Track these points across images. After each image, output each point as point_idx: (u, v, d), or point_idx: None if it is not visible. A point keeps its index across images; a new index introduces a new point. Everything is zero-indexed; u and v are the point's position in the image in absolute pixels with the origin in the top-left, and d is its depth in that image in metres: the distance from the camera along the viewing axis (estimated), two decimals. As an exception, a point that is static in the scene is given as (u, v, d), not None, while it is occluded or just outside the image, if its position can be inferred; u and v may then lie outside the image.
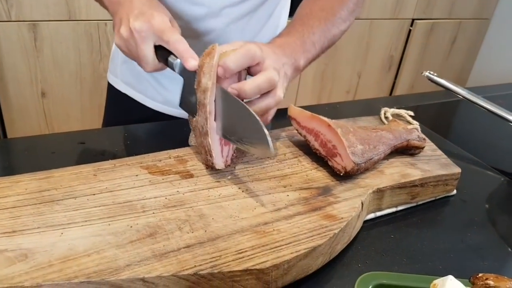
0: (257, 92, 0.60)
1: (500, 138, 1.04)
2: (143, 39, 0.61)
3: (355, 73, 2.47)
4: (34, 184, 0.57)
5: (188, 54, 0.60)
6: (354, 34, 2.31)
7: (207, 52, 0.60)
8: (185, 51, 0.60)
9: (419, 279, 0.51)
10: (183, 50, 0.60)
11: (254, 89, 0.59)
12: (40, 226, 0.50)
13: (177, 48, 0.61)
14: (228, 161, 0.65)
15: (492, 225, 0.68)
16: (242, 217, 0.55)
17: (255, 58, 0.60)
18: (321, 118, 0.67)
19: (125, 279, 0.44)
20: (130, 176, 0.60)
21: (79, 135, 0.79)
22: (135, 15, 0.61)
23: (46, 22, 1.63)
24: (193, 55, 0.60)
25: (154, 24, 0.61)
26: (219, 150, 0.63)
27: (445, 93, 1.18)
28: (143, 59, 0.63)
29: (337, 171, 0.64)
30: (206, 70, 0.58)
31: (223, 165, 0.63)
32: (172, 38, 0.61)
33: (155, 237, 0.50)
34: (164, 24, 0.61)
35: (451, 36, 2.67)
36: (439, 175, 0.69)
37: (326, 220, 0.55)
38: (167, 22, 0.62)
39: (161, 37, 0.61)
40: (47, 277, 0.43)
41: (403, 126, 0.75)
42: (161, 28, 0.61)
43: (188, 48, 0.61)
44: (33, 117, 1.77)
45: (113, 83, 0.99)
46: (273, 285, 0.49)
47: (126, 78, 0.95)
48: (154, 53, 0.63)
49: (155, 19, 0.61)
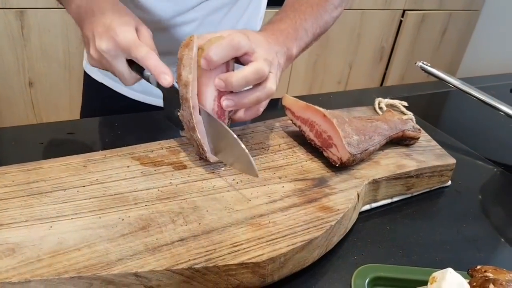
0: (244, 84, 0.57)
1: (492, 129, 1.04)
2: (113, 57, 0.59)
3: (347, 63, 2.46)
4: (22, 176, 0.55)
5: (160, 69, 0.57)
6: (345, 24, 2.30)
7: (185, 44, 0.57)
8: (156, 67, 0.57)
9: (417, 271, 0.51)
10: (154, 66, 0.57)
11: (241, 80, 0.57)
12: (28, 219, 0.49)
13: (147, 65, 0.58)
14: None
15: (487, 216, 0.68)
16: (237, 209, 0.53)
17: (240, 48, 0.57)
18: (316, 108, 0.66)
19: (117, 274, 0.43)
20: (121, 167, 0.59)
21: (68, 125, 0.77)
22: (99, 34, 0.58)
23: (34, 10, 1.59)
24: (165, 70, 0.57)
25: (119, 42, 0.58)
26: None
27: (436, 84, 1.18)
28: (120, 75, 0.61)
29: (333, 162, 0.63)
30: (185, 62, 0.56)
31: (217, 158, 0.62)
32: (140, 54, 0.58)
33: (147, 230, 0.49)
34: (129, 41, 0.58)
35: (441, 27, 2.67)
36: (434, 166, 0.69)
37: (322, 212, 0.54)
38: (132, 36, 0.59)
39: (129, 54, 0.59)
40: (36, 273, 0.42)
41: (398, 116, 0.74)
42: (126, 46, 0.58)
43: (159, 63, 0.58)
44: (21, 107, 1.73)
45: (89, 72, 0.96)
46: (269, 279, 0.48)
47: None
48: (128, 68, 0.61)
49: (119, 36, 0.58)
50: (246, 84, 0.58)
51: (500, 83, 1.32)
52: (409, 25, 2.52)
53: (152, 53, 0.58)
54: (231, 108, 0.59)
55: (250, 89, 0.59)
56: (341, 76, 2.49)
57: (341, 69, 2.47)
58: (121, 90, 0.92)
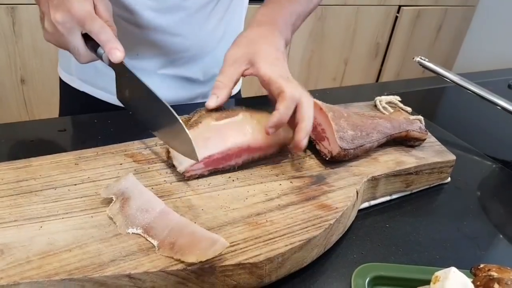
0: (285, 119, 0.57)
1: (490, 124, 1.03)
2: (68, 30, 0.56)
3: (342, 60, 2.45)
4: (11, 174, 0.54)
5: (112, 45, 0.55)
6: (341, 21, 2.29)
7: None
8: (107, 41, 0.55)
9: (419, 270, 0.50)
10: (106, 40, 0.55)
11: (280, 121, 0.57)
12: (17, 219, 0.47)
13: (100, 38, 0.56)
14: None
15: (487, 213, 0.66)
16: (233, 207, 0.52)
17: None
18: (314, 101, 0.65)
19: (110, 275, 0.41)
20: (114, 165, 0.57)
21: (60, 122, 0.75)
22: (54, 6, 0.55)
23: (25, 6, 1.56)
24: (117, 46, 0.55)
25: (74, 14, 0.55)
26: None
27: (432, 80, 1.17)
28: (74, 50, 0.58)
29: (323, 155, 0.62)
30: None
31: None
32: (94, 27, 0.55)
33: (141, 229, 0.47)
34: (84, 12, 0.55)
35: (437, 23, 2.66)
36: (434, 163, 0.67)
37: (321, 210, 0.53)
38: (88, 8, 0.56)
39: (83, 26, 0.56)
40: (25, 275, 0.40)
41: (405, 116, 0.73)
42: (81, 17, 0.55)
43: (111, 38, 0.56)
44: (13, 105, 1.71)
45: (67, 81, 0.90)
46: (266, 279, 0.47)
47: (83, 75, 0.87)
48: (83, 43, 0.58)
49: (74, 7, 0.55)
50: (286, 119, 0.58)
51: (497, 78, 1.31)
52: (404, 21, 2.51)
53: (107, 27, 0.56)
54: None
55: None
56: (337, 73, 2.48)
57: (336, 66, 2.46)
58: (104, 97, 0.87)
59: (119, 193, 0.50)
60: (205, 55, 0.87)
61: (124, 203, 0.49)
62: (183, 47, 0.83)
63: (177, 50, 0.82)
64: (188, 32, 0.81)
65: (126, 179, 0.51)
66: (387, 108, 0.81)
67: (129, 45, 0.69)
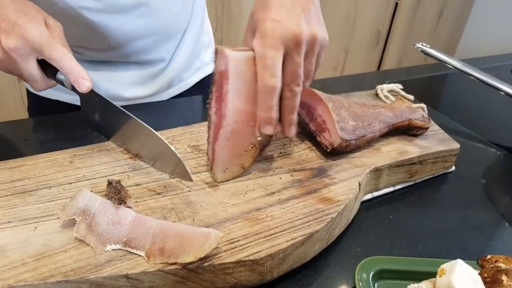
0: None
1: (494, 111, 1.01)
2: (23, 57, 0.53)
3: (342, 49, 2.43)
4: (5, 174, 0.53)
5: (78, 74, 0.53)
6: (340, 9, 2.26)
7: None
8: (73, 70, 0.53)
9: (424, 262, 0.48)
10: (70, 68, 0.53)
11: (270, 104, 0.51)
12: (11, 220, 0.46)
13: (62, 66, 0.53)
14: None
15: (492, 202, 0.65)
16: (232, 203, 0.51)
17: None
18: (314, 92, 0.64)
19: (107, 276, 0.40)
20: (109, 162, 0.56)
21: (54, 120, 0.74)
22: (5, 32, 0.52)
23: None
24: (84, 75, 0.53)
25: (29, 39, 0.52)
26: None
27: (434, 66, 1.15)
28: (30, 78, 0.55)
29: (324, 147, 0.61)
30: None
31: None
32: (54, 54, 0.52)
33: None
34: (41, 37, 0.52)
35: (438, 8, 2.63)
36: (438, 151, 0.66)
37: (323, 204, 0.52)
38: (45, 33, 0.53)
39: (41, 53, 0.53)
40: (20, 277, 0.39)
41: (407, 104, 0.71)
42: (38, 43, 0.52)
43: (75, 65, 0.53)
44: (10, 103, 1.70)
45: (36, 92, 0.81)
46: (268, 276, 0.46)
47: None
48: (40, 70, 0.55)
49: (29, 33, 0.52)
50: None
51: (500, 63, 1.29)
52: (405, 8, 2.47)
53: (68, 53, 0.53)
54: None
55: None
56: (337, 62, 2.46)
57: (337, 55, 2.43)
58: (72, 100, 0.82)
59: (79, 212, 0.45)
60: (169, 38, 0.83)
61: (91, 221, 0.45)
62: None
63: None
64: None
65: (82, 195, 0.46)
66: (389, 97, 0.80)
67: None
